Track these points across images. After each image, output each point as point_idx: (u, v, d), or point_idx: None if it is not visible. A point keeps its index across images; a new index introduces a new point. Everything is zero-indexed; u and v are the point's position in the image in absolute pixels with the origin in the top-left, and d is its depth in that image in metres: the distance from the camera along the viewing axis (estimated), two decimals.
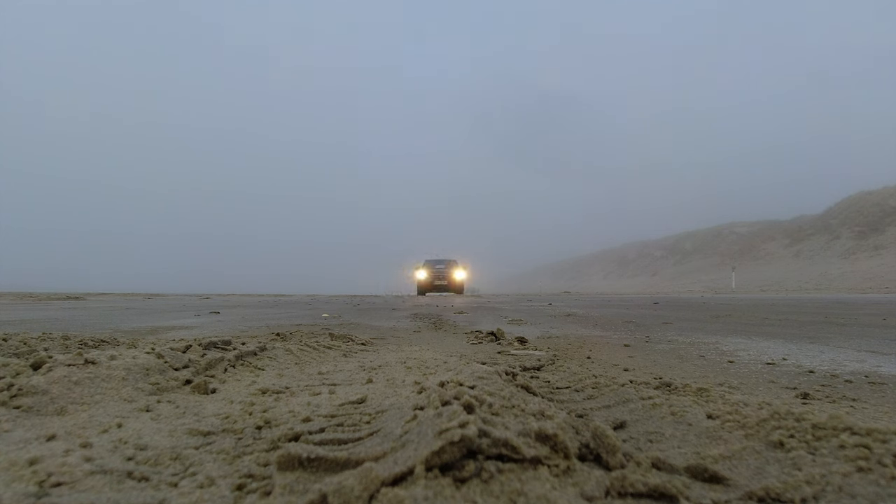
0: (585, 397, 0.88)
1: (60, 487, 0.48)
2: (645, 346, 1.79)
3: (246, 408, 0.80)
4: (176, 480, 0.51)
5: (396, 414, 0.65)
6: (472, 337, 2.01)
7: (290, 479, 0.47)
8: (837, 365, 1.34)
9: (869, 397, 0.94)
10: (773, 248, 50.58)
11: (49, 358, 0.95)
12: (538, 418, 0.60)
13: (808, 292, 18.57)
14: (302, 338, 1.73)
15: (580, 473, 0.48)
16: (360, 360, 1.35)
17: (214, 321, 3.09)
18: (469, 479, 0.43)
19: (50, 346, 1.32)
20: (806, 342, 1.89)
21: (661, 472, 0.52)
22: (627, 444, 0.62)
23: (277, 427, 0.70)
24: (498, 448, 0.46)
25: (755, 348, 1.71)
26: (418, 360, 1.28)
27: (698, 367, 1.34)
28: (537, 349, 1.66)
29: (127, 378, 0.91)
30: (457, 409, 0.51)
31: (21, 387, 0.80)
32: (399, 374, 1.10)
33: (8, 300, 7.42)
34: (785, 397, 0.93)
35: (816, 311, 4.21)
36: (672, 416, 0.71)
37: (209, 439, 0.65)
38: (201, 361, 1.09)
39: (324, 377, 1.09)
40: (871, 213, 42.63)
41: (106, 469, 0.53)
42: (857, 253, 38.06)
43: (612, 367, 1.30)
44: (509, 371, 0.94)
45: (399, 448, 0.49)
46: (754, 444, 0.58)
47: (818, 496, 0.46)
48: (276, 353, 1.31)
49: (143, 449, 0.60)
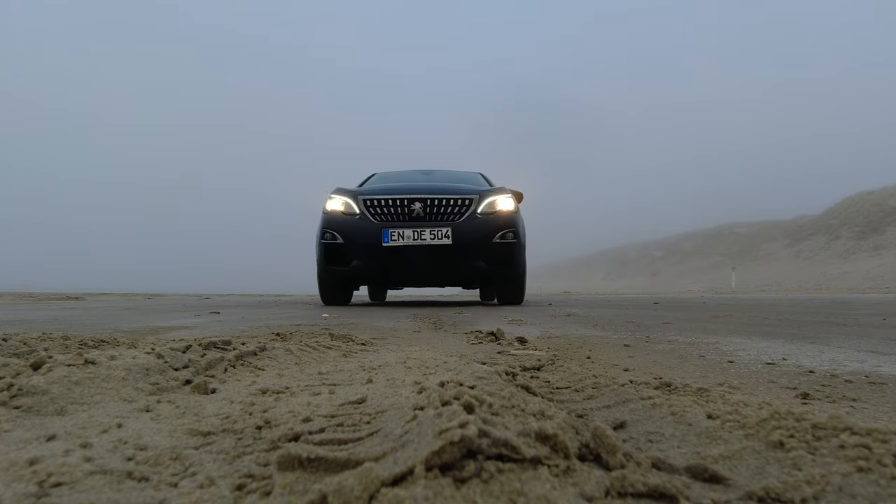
0: (585, 397, 0.88)
1: (60, 487, 0.48)
2: (645, 346, 1.79)
3: (246, 408, 0.80)
4: (176, 480, 0.51)
5: (396, 414, 0.65)
6: (472, 337, 2.01)
7: (290, 479, 0.47)
8: (837, 365, 1.34)
9: (869, 397, 0.94)
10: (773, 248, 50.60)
11: (49, 358, 0.95)
12: (538, 418, 0.60)
13: (808, 292, 18.58)
14: (302, 338, 1.73)
15: (580, 473, 0.48)
16: (360, 360, 1.35)
17: (214, 321, 3.09)
18: (469, 479, 0.43)
19: (50, 346, 1.32)
20: (806, 342, 1.88)
21: (661, 472, 0.52)
22: (627, 444, 0.62)
23: (277, 427, 0.70)
24: (498, 448, 0.46)
25: (755, 348, 1.71)
26: (418, 360, 1.28)
27: (698, 367, 1.34)
28: (537, 349, 1.66)
29: (127, 378, 0.91)
30: (457, 409, 0.51)
31: (21, 387, 0.80)
32: (399, 374, 1.10)
33: (8, 300, 7.42)
34: (785, 397, 0.93)
35: (816, 311, 4.21)
36: (672, 416, 0.71)
37: (209, 439, 0.65)
38: (201, 361, 1.09)
39: (324, 377, 1.09)
40: (871, 213, 42.66)
41: (106, 469, 0.53)
42: (857, 253, 38.09)
43: (612, 367, 1.30)
44: (509, 371, 0.94)
45: (399, 448, 0.49)
46: (754, 444, 0.58)
47: (818, 496, 0.46)
48: (276, 353, 1.31)
49: (143, 449, 0.60)
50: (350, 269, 5.05)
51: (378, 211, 5.01)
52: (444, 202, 5.02)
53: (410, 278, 5.51)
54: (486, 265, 5.05)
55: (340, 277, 5.29)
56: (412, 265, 5.04)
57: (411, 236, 4.88)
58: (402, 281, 5.76)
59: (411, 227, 4.90)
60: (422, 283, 5.94)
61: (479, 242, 4.99)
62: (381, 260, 4.97)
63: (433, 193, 5.07)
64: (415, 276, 5.42)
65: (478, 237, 4.98)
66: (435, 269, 5.12)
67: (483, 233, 5.00)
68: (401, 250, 4.90)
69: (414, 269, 5.12)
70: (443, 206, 5.01)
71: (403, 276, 5.39)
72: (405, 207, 4.99)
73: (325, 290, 5.55)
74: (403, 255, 4.93)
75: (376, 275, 5.33)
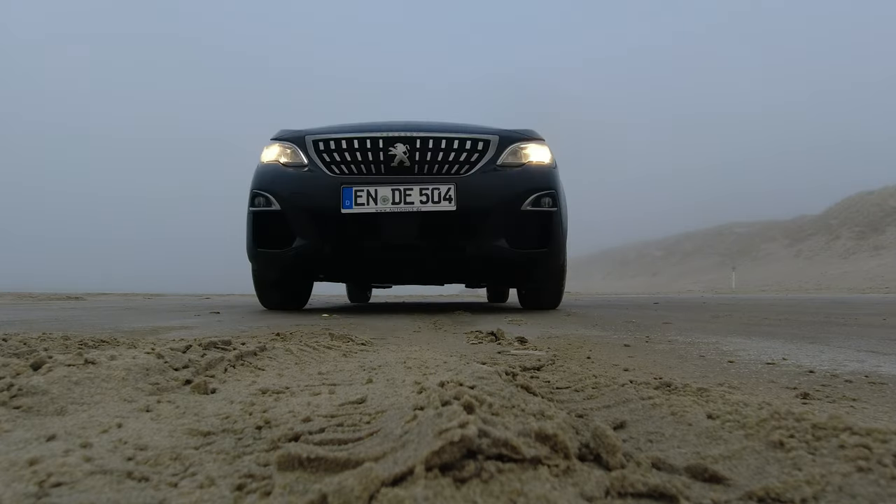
0: (585, 397, 0.88)
1: (60, 487, 0.48)
2: (645, 346, 1.79)
3: (246, 408, 0.80)
4: (176, 480, 0.51)
5: (396, 414, 0.65)
6: (472, 337, 2.01)
7: (290, 479, 0.47)
8: (837, 365, 1.34)
9: (869, 397, 0.94)
10: (773, 248, 50.60)
11: (49, 358, 0.95)
12: (538, 418, 0.60)
13: (808, 292, 18.57)
14: (302, 338, 1.73)
15: (580, 473, 0.48)
16: (360, 360, 1.35)
17: (214, 321, 3.09)
18: (469, 479, 0.43)
19: (50, 346, 1.32)
20: (806, 342, 1.88)
21: (661, 472, 0.52)
22: (627, 444, 0.62)
23: (277, 427, 0.70)
24: (498, 448, 0.46)
25: (755, 348, 1.71)
26: (418, 360, 1.28)
27: (698, 366, 1.34)
28: (537, 349, 1.66)
29: (127, 378, 0.91)
30: (457, 409, 0.51)
31: (21, 387, 0.80)
32: (399, 374, 1.10)
33: (8, 300, 7.42)
34: (785, 397, 0.93)
35: (816, 311, 4.21)
36: (672, 415, 0.71)
37: (209, 439, 0.65)
38: (201, 361, 1.09)
39: (324, 377, 1.09)
40: (871, 213, 42.67)
41: (106, 469, 0.53)
42: (857, 253, 38.09)
43: (612, 367, 1.30)
44: (509, 371, 0.94)
45: (399, 448, 0.49)
46: (754, 444, 0.58)
47: (818, 496, 0.46)
48: (276, 353, 1.31)
49: (143, 449, 0.60)
50: (290, 251, 3.20)
51: (337, 158, 3.18)
52: (443, 145, 3.19)
53: (386, 269, 3.58)
54: (511, 246, 3.23)
55: (278, 266, 3.45)
56: (391, 247, 3.20)
57: (389, 198, 3.04)
58: (372, 273, 3.79)
59: (389, 184, 3.07)
60: (404, 279, 4.00)
61: (500, 209, 3.18)
62: (340, 236, 3.15)
63: (425, 131, 3.23)
64: (393, 266, 3.50)
65: (498, 201, 3.17)
66: (427, 252, 3.25)
67: (506, 195, 3.19)
68: (372, 221, 3.10)
69: (393, 252, 3.25)
70: (441, 150, 3.19)
71: (375, 267, 3.50)
72: (381, 153, 3.15)
73: (261, 287, 3.81)
74: (376, 228, 3.13)
75: (331, 262, 3.35)
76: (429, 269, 3.62)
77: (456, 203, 3.09)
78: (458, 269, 3.67)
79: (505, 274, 3.88)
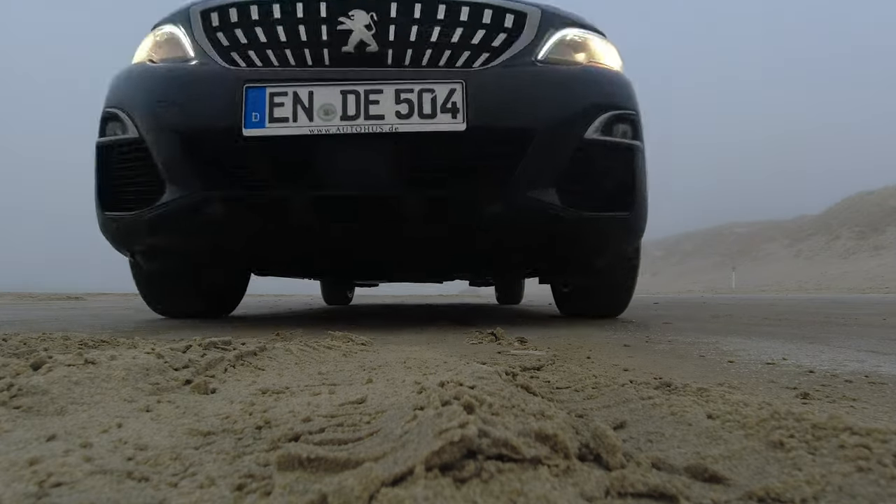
0: (585, 397, 0.88)
1: (60, 487, 0.48)
2: (645, 346, 1.79)
3: (246, 408, 0.80)
4: (176, 480, 0.51)
5: (396, 414, 0.64)
6: (472, 337, 2.01)
7: (290, 479, 0.47)
8: (837, 365, 1.34)
9: (869, 397, 0.94)
10: (773, 248, 50.54)
11: (49, 358, 0.95)
12: (538, 418, 0.60)
13: (808, 292, 18.57)
14: (302, 338, 1.73)
15: (580, 473, 0.48)
16: (360, 360, 1.35)
17: (214, 321, 3.09)
18: (469, 479, 0.43)
19: (50, 346, 1.32)
20: (806, 342, 1.89)
21: (661, 472, 0.52)
22: (627, 444, 0.62)
23: (277, 427, 0.70)
24: (498, 448, 0.46)
25: (755, 348, 1.71)
26: (418, 360, 1.28)
27: (698, 366, 1.34)
28: (537, 349, 1.66)
29: (127, 378, 0.91)
30: (457, 409, 0.51)
31: (21, 387, 0.80)
32: (399, 373, 1.10)
33: (8, 300, 7.42)
34: (785, 397, 0.93)
35: (816, 311, 4.21)
36: (672, 415, 0.71)
37: (209, 439, 0.65)
38: (201, 361, 1.09)
39: (324, 377, 1.09)
40: (871, 213, 42.64)
41: (106, 469, 0.53)
42: (857, 253, 38.05)
43: (611, 367, 1.31)
44: (509, 371, 0.94)
45: (399, 448, 0.49)
46: (754, 444, 0.58)
47: (818, 496, 0.46)
48: (276, 353, 1.31)
49: (143, 449, 0.60)
50: (153, 213, 1.87)
51: (241, 41, 1.83)
52: (440, 13, 1.81)
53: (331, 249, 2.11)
54: (565, 204, 1.90)
55: (136, 240, 2.05)
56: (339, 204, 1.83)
57: (337, 108, 1.67)
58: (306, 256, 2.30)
59: (338, 83, 1.71)
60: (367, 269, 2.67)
61: (546, 136, 1.82)
62: (239, 182, 1.82)
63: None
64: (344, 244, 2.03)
65: (544, 119, 1.83)
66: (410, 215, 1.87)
67: (557, 111, 1.85)
68: (304, 152, 1.76)
69: (343, 214, 1.86)
70: (437, 24, 1.81)
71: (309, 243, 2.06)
72: (323, 28, 1.78)
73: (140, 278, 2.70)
74: (311, 168, 1.79)
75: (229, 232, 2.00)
76: (413, 250, 2.14)
77: (466, 118, 1.73)
78: (465, 247, 2.14)
79: (546, 253, 2.23)
